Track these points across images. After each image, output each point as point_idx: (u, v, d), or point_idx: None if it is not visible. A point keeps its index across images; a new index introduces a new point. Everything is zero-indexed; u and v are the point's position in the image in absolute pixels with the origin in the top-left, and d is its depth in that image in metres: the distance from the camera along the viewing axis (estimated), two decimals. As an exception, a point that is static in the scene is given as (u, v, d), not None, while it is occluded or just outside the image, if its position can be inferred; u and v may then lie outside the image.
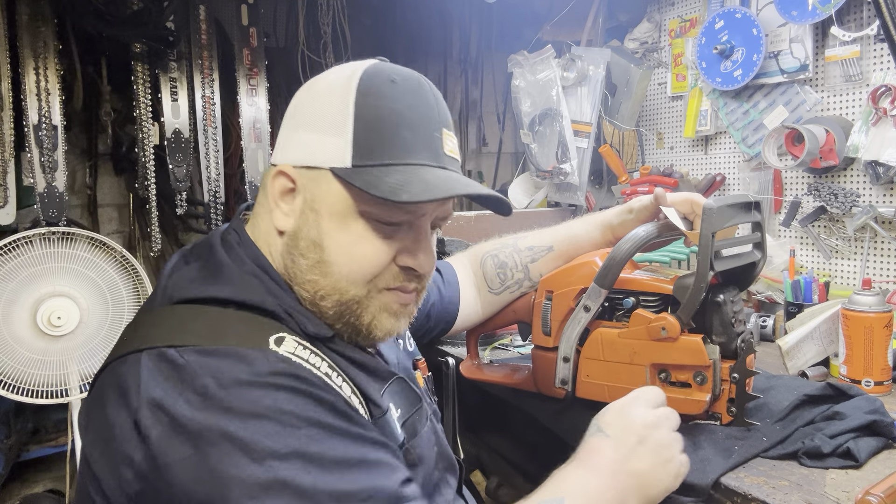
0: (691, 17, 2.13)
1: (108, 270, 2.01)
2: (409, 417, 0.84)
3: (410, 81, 0.81)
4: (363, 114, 0.77)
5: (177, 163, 2.21)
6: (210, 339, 0.69)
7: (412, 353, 1.07)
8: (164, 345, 0.68)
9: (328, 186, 0.77)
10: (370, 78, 0.79)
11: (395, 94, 0.78)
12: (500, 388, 1.28)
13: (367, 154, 0.76)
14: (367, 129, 0.76)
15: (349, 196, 0.77)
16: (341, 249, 0.77)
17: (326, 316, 0.80)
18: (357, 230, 0.77)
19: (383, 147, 0.76)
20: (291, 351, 0.71)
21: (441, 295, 1.21)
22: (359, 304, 0.79)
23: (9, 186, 1.97)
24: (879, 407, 0.99)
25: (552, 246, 1.21)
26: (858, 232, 1.69)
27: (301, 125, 0.81)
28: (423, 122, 0.79)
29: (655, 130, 2.31)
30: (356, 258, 0.78)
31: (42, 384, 1.90)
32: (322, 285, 0.78)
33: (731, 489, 0.88)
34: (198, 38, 2.24)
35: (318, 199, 0.78)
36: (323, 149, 0.78)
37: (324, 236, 0.78)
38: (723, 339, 0.99)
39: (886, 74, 1.61)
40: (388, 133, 0.77)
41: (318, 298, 0.79)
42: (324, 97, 0.80)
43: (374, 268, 0.79)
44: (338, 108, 0.78)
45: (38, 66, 1.96)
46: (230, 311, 0.74)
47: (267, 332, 0.72)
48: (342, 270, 0.78)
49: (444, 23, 3.02)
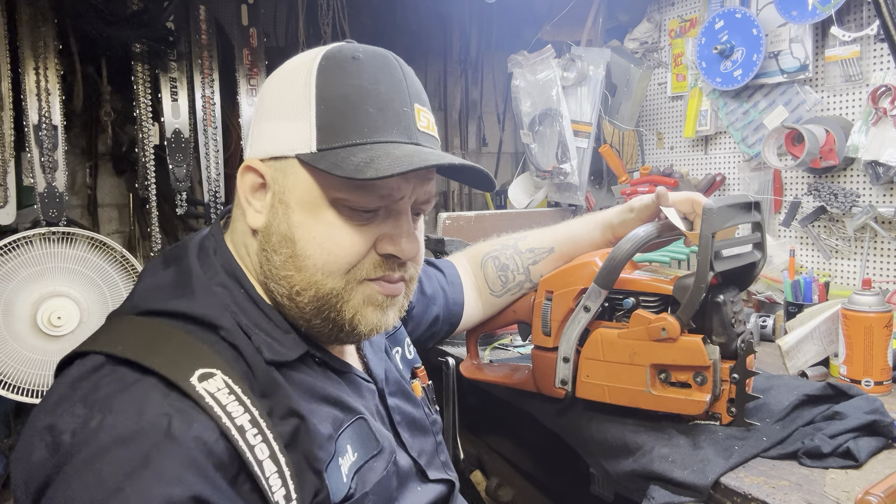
0: (691, 17, 2.13)
1: (108, 270, 2.01)
2: (365, 464, 0.77)
3: (375, 57, 0.76)
4: (325, 94, 0.72)
5: (177, 163, 2.21)
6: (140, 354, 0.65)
7: (411, 360, 1.04)
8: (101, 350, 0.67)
9: (295, 175, 0.73)
10: (332, 57, 0.74)
11: (358, 71, 0.73)
12: (500, 388, 1.28)
13: (332, 136, 0.72)
14: (330, 110, 0.72)
15: (316, 184, 0.73)
16: (314, 241, 0.73)
17: (305, 312, 0.75)
18: (328, 219, 0.73)
19: (348, 127, 0.72)
20: (212, 392, 0.64)
21: (446, 295, 1.20)
22: (338, 298, 0.75)
23: (9, 186, 1.97)
24: (879, 407, 0.99)
25: (553, 247, 1.21)
26: (858, 232, 1.69)
27: (266, 115, 0.77)
28: (390, 98, 0.74)
29: (655, 130, 2.31)
30: (330, 249, 0.73)
31: (42, 384, 1.90)
32: (297, 280, 0.74)
33: (731, 489, 0.88)
34: (198, 38, 2.24)
35: (287, 190, 0.74)
36: (287, 136, 0.73)
37: (294, 229, 0.73)
38: (723, 340, 0.99)
39: (886, 74, 1.61)
40: (353, 111, 0.72)
41: (295, 294, 0.74)
42: (286, 83, 0.76)
43: (351, 257, 0.74)
44: (300, 92, 0.73)
45: (38, 66, 1.96)
46: (177, 331, 0.70)
47: (197, 364, 0.66)
48: (316, 263, 0.73)
49: (444, 23, 3.02)
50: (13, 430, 2.12)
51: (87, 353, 0.68)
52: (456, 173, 0.84)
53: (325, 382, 0.78)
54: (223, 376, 0.66)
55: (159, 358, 0.65)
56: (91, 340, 0.71)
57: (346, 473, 0.74)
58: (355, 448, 0.77)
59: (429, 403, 1.01)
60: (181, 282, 0.74)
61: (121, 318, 0.75)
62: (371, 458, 0.78)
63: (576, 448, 1.16)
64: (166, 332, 0.70)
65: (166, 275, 0.77)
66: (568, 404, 1.14)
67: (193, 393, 0.63)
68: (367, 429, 0.80)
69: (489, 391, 1.36)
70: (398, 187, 0.75)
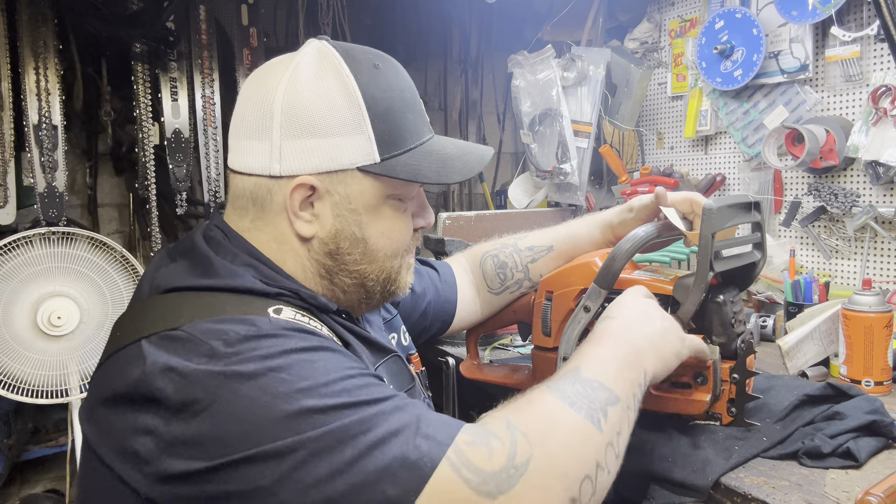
0: (691, 17, 2.13)
1: (108, 270, 2.01)
2: None
3: (387, 63, 0.86)
4: (374, 108, 0.81)
5: (177, 163, 2.21)
6: (207, 314, 0.70)
7: (406, 347, 1.09)
8: (163, 329, 0.69)
9: (359, 184, 0.82)
10: (359, 69, 0.81)
11: (387, 81, 0.84)
12: (500, 388, 1.28)
13: (390, 146, 0.82)
14: (382, 123, 0.81)
15: (380, 186, 0.83)
16: (382, 235, 0.85)
17: (371, 291, 0.88)
18: (388, 214, 0.85)
19: (399, 136, 0.83)
20: (291, 318, 0.74)
21: (438, 293, 1.21)
22: (398, 273, 0.89)
23: (9, 186, 1.97)
24: (879, 407, 0.99)
25: (552, 246, 1.21)
26: (858, 232, 1.69)
27: (305, 132, 0.79)
28: (414, 101, 0.87)
29: (655, 130, 2.31)
30: (394, 237, 0.87)
31: (42, 384, 1.90)
32: (370, 270, 0.86)
33: (731, 489, 0.88)
34: (198, 38, 2.24)
35: (353, 199, 0.82)
36: (345, 151, 0.80)
37: (365, 230, 0.84)
38: (723, 340, 0.99)
39: (886, 74, 1.61)
40: (399, 121, 0.83)
41: (366, 281, 0.87)
42: (322, 99, 0.79)
43: (406, 238, 0.89)
44: (347, 109, 0.79)
45: (38, 66, 1.96)
46: (223, 294, 0.75)
47: (265, 305, 0.74)
48: (386, 252, 0.86)
49: (444, 23, 3.02)
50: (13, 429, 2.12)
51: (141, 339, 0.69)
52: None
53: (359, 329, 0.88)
54: (289, 308, 0.76)
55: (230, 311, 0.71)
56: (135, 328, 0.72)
57: None
58: (391, 380, 0.87)
59: (422, 388, 1.04)
60: (203, 267, 0.79)
61: (151, 298, 0.77)
62: (408, 389, 0.90)
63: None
64: (213, 296, 0.75)
65: (180, 265, 0.80)
66: (568, 404, 1.14)
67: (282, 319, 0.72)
68: (401, 364, 0.92)
69: (489, 391, 1.36)
70: None
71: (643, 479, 0.95)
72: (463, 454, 0.64)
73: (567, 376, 0.76)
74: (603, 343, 0.83)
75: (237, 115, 0.84)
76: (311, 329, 0.73)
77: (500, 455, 0.65)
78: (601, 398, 0.74)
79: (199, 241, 0.82)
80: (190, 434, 0.63)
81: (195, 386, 0.64)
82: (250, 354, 0.66)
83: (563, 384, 0.74)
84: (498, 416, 0.71)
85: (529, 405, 0.72)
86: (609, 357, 0.80)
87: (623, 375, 0.79)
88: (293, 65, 0.80)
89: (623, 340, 0.83)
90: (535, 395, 0.74)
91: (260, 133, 0.79)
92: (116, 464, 0.66)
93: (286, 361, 0.66)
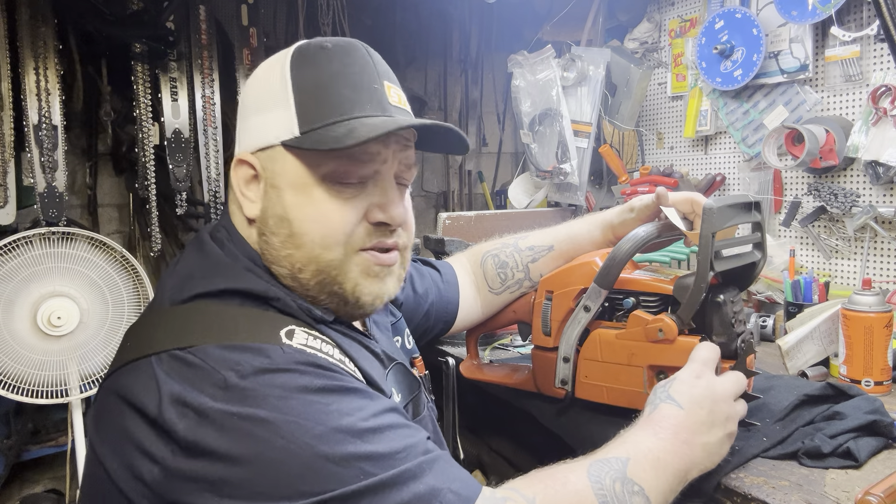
0: (691, 17, 2.13)
1: (108, 270, 2.01)
2: (409, 403, 0.86)
3: (342, 44, 0.82)
4: (301, 83, 0.78)
5: (177, 163, 2.21)
6: (218, 337, 0.69)
7: (410, 350, 1.08)
8: (174, 347, 0.68)
9: (283, 161, 0.79)
10: (303, 49, 0.81)
11: (328, 58, 0.80)
12: (500, 388, 1.28)
13: (312, 118, 0.77)
14: (307, 96, 0.78)
15: (303, 165, 0.78)
16: (308, 218, 0.78)
17: (309, 288, 0.80)
18: (319, 196, 0.78)
19: (326, 108, 0.78)
20: (304, 343, 0.72)
21: (440, 293, 1.21)
22: (338, 270, 0.79)
23: (9, 186, 1.97)
24: (879, 407, 0.99)
25: (553, 246, 1.21)
26: (858, 232, 1.69)
27: (249, 112, 0.83)
28: (361, 77, 0.80)
29: (655, 130, 2.31)
30: (324, 223, 0.78)
31: (42, 384, 1.90)
32: (298, 258, 0.78)
33: (731, 489, 0.88)
34: (198, 38, 2.24)
35: (277, 175, 0.79)
36: (271, 126, 0.79)
37: (288, 209, 0.78)
38: (723, 340, 0.99)
39: (886, 74, 1.61)
40: (328, 94, 0.78)
41: (297, 272, 0.79)
42: (263, 79, 0.82)
43: (345, 227, 0.79)
44: (278, 85, 0.80)
45: (38, 66, 1.95)
46: (234, 307, 0.74)
47: (277, 326, 0.73)
48: (314, 238, 0.78)
49: (444, 23, 3.02)
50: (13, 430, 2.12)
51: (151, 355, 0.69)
52: (432, 140, 0.88)
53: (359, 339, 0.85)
54: (301, 329, 0.74)
55: (242, 334, 0.70)
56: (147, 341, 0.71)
57: None
58: (399, 389, 0.85)
59: (426, 392, 1.03)
60: (211, 267, 0.79)
61: (162, 309, 0.76)
62: (413, 397, 0.88)
63: (576, 448, 1.15)
64: (224, 311, 0.73)
65: (189, 266, 0.80)
66: (568, 404, 1.14)
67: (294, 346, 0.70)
68: (406, 371, 0.89)
69: (489, 391, 1.36)
70: (378, 152, 0.80)
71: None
72: None
73: (612, 466, 0.74)
74: (663, 439, 0.78)
75: None
76: (323, 362, 0.71)
77: None
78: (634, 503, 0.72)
79: (206, 240, 0.82)
80: (199, 473, 0.62)
81: (207, 427, 0.63)
82: (264, 392, 0.64)
83: (605, 476, 0.72)
84: (525, 495, 0.69)
85: (563, 489, 0.70)
86: (664, 462, 0.77)
87: (667, 486, 0.77)
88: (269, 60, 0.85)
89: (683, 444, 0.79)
90: (572, 478, 0.72)
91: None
92: (122, 482, 0.66)
93: (299, 404, 0.65)
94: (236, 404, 0.63)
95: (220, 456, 0.62)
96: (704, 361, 0.87)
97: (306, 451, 0.62)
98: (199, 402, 0.63)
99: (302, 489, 0.61)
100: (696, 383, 0.85)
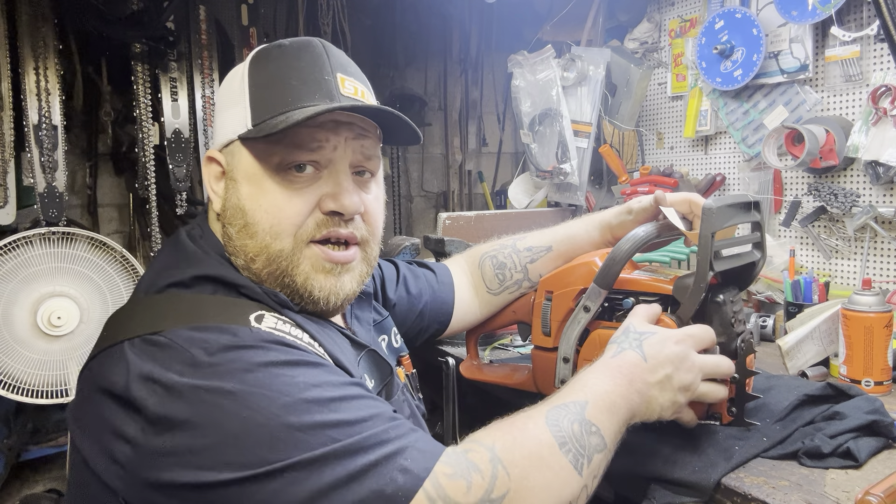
0: (691, 17, 2.13)
1: (108, 270, 2.01)
2: (382, 388, 0.88)
3: (299, 41, 0.85)
4: (255, 78, 0.82)
5: (177, 163, 2.21)
6: (189, 321, 0.71)
7: (397, 349, 1.09)
8: (146, 333, 0.70)
9: (240, 154, 0.82)
10: (262, 51, 0.85)
11: (283, 54, 0.83)
12: (500, 388, 1.28)
13: (263, 111, 0.80)
14: (259, 90, 0.82)
15: (255, 156, 0.81)
16: (260, 208, 0.80)
17: (263, 279, 0.81)
18: (270, 187, 0.80)
19: (275, 100, 0.80)
20: (272, 326, 0.74)
21: (434, 294, 1.21)
22: (288, 261, 0.81)
23: (9, 186, 1.97)
24: (879, 407, 0.99)
25: (551, 246, 1.21)
26: (858, 232, 1.69)
27: (217, 111, 0.87)
28: (311, 70, 0.82)
29: (655, 130, 2.31)
30: (273, 213, 0.80)
31: (42, 384, 1.90)
32: (251, 247, 0.81)
33: (731, 489, 0.88)
34: (198, 38, 2.24)
35: (235, 168, 0.83)
36: (231, 122, 0.83)
37: (244, 200, 0.81)
38: (723, 339, 0.99)
39: (886, 74, 1.61)
40: (278, 86, 0.81)
41: (250, 261, 0.81)
42: (228, 80, 0.87)
43: (294, 217, 0.80)
44: (237, 83, 0.84)
45: (38, 66, 1.96)
46: (205, 295, 0.77)
47: (246, 311, 0.75)
48: (265, 228, 0.80)
49: (444, 23, 3.02)
50: (13, 430, 2.12)
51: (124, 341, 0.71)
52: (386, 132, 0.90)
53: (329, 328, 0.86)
54: (270, 314, 0.75)
55: (211, 318, 0.72)
56: (122, 328, 0.74)
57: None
58: (371, 375, 0.87)
59: (412, 390, 1.04)
60: (185, 258, 0.82)
61: (136, 302, 0.79)
62: (386, 383, 0.89)
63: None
64: (196, 298, 0.76)
65: (164, 259, 0.84)
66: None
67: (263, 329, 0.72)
68: (378, 357, 0.90)
69: (489, 391, 1.36)
70: (326, 138, 0.81)
71: (643, 479, 0.95)
72: (440, 487, 0.65)
73: (571, 410, 0.76)
74: (619, 383, 0.81)
75: None
76: (291, 342, 0.73)
77: (479, 489, 0.66)
78: (592, 444, 0.74)
79: (182, 238, 0.85)
80: (168, 447, 0.64)
81: (175, 400, 0.64)
82: (231, 367, 0.66)
83: (563, 419, 0.74)
84: (485, 444, 0.71)
85: (522, 434, 0.72)
86: (619, 404, 0.79)
87: (621, 424, 0.79)
88: None
89: (636, 393, 0.81)
90: (531, 425, 0.74)
91: None
92: (99, 467, 0.67)
93: (266, 376, 0.66)
94: (204, 378, 0.65)
95: (187, 427, 0.63)
96: (692, 335, 0.87)
97: (273, 421, 0.64)
98: (166, 377, 0.65)
99: (269, 457, 0.63)
100: (671, 346, 0.85)
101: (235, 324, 0.71)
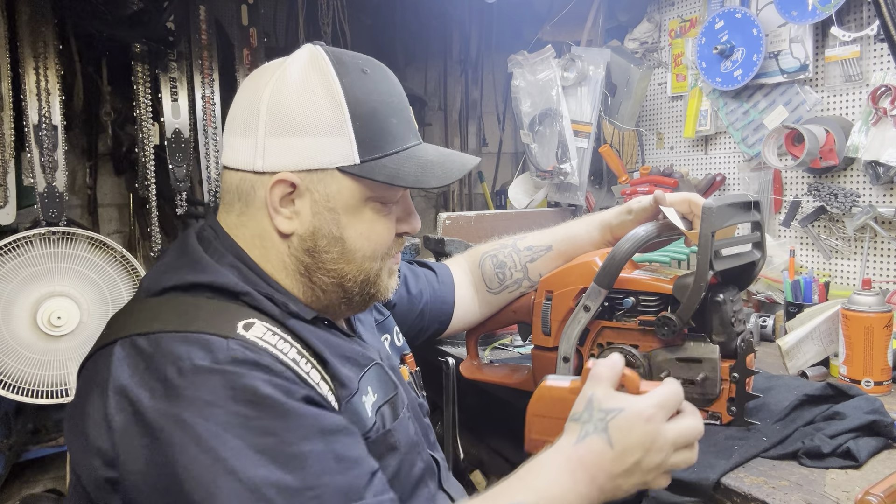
0: (691, 17, 2.13)
1: (108, 270, 2.01)
2: (386, 402, 0.87)
3: (376, 69, 0.87)
4: (357, 111, 0.82)
5: (177, 163, 2.21)
6: (178, 325, 0.72)
7: (400, 347, 1.10)
8: (135, 333, 0.72)
9: (338, 184, 0.83)
10: (346, 72, 0.83)
11: (375, 85, 0.85)
12: (500, 388, 1.28)
13: (371, 149, 0.83)
14: (364, 126, 0.82)
15: (359, 188, 0.84)
16: (361, 236, 0.85)
17: (348, 292, 0.87)
18: (368, 217, 0.85)
19: (382, 139, 0.84)
20: (259, 336, 0.74)
21: (434, 294, 1.22)
22: (378, 276, 0.89)
23: (9, 186, 1.97)
24: (879, 407, 0.99)
25: (551, 246, 1.21)
26: (858, 232, 1.69)
27: (288, 130, 0.81)
28: (401, 107, 0.88)
29: (655, 130, 2.31)
30: (373, 240, 0.86)
31: (42, 384, 1.90)
32: (348, 270, 0.86)
33: (731, 489, 0.88)
34: (198, 38, 2.24)
35: (332, 198, 0.83)
36: (325, 151, 0.81)
37: (343, 230, 0.84)
38: (723, 339, 0.99)
39: (886, 74, 1.61)
40: (382, 125, 0.84)
41: (344, 281, 0.86)
42: (305, 99, 0.81)
43: (388, 242, 0.89)
44: (329, 109, 0.81)
45: (38, 66, 1.95)
46: (202, 299, 0.77)
47: (237, 318, 0.75)
48: (365, 254, 0.86)
49: (444, 23, 3.02)
50: (13, 430, 2.12)
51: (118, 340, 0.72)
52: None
53: (339, 338, 0.88)
54: (262, 323, 0.76)
55: (200, 322, 0.72)
56: (118, 327, 0.75)
57: (369, 409, 0.83)
58: (375, 389, 0.87)
59: (416, 387, 1.05)
60: (189, 262, 0.82)
61: (136, 302, 0.81)
62: (389, 399, 0.88)
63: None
64: (192, 301, 0.77)
65: (168, 262, 0.84)
66: (568, 404, 1.14)
67: (248, 338, 0.72)
68: (383, 372, 0.91)
69: (489, 391, 1.36)
70: None
71: (643, 478, 0.95)
72: None
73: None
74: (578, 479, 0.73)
75: (230, 114, 0.87)
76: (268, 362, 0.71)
77: None
78: None
79: (191, 240, 0.85)
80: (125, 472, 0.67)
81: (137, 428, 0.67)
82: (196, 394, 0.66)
83: None
84: None
85: None
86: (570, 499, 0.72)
87: None
88: (283, 67, 0.84)
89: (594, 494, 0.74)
90: None
91: (247, 130, 0.82)
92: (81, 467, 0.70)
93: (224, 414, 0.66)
94: (169, 404, 0.66)
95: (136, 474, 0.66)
96: (662, 405, 0.76)
97: (217, 466, 0.63)
98: (137, 397, 0.67)
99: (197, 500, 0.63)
100: (640, 427, 0.74)
101: (221, 331, 0.72)
